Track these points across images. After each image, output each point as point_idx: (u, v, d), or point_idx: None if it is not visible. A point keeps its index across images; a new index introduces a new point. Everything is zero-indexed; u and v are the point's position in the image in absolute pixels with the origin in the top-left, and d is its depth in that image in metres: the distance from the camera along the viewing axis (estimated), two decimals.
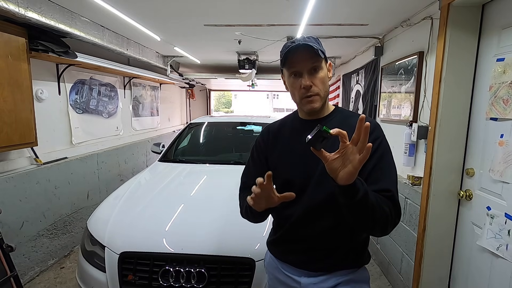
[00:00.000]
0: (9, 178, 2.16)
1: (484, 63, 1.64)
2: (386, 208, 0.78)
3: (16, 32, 2.00)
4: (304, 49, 0.88)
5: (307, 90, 0.90)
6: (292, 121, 1.06)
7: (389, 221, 0.79)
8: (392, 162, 0.89)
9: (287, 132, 1.04)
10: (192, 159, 2.77)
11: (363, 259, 0.99)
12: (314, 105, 0.91)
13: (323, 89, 0.92)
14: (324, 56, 0.92)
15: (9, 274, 1.66)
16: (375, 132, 0.89)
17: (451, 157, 1.78)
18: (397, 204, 0.82)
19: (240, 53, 3.97)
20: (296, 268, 0.99)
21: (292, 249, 0.99)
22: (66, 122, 2.81)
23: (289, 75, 0.94)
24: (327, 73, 0.94)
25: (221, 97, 28.06)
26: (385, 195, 0.81)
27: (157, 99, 5.08)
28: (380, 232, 0.81)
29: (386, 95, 2.63)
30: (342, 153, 0.70)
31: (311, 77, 0.90)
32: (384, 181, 0.84)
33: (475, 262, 1.67)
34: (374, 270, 2.58)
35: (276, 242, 1.05)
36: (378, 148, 0.87)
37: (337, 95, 4.66)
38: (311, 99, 0.91)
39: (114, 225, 1.68)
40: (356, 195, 0.72)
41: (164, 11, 2.23)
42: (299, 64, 0.90)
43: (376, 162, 0.86)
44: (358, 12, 2.21)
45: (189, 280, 1.42)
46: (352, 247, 0.95)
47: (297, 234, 0.97)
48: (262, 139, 1.09)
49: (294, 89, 0.94)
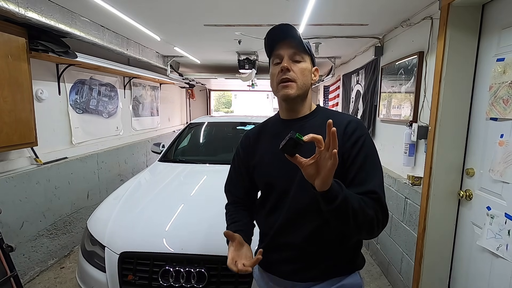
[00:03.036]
0: (9, 178, 2.16)
1: (484, 63, 1.64)
2: (370, 211, 0.75)
3: (16, 32, 2.00)
4: (290, 38, 0.89)
5: (284, 73, 0.88)
6: (274, 122, 1.04)
7: (374, 224, 0.77)
8: (377, 161, 0.86)
9: (267, 134, 1.02)
10: (192, 159, 2.77)
11: (356, 264, 0.93)
12: (289, 91, 0.88)
13: (302, 79, 0.89)
14: (310, 55, 0.93)
15: (9, 274, 1.66)
16: (357, 131, 0.86)
17: (451, 157, 1.78)
18: (383, 206, 0.80)
19: (240, 53, 3.97)
20: (284, 280, 0.93)
21: (278, 259, 0.94)
22: (66, 122, 2.81)
23: (272, 65, 0.94)
24: (309, 70, 0.92)
25: (221, 97, 28.08)
26: (371, 197, 0.78)
27: (157, 99, 5.09)
28: (367, 235, 0.79)
29: (386, 95, 2.63)
30: (317, 158, 0.68)
31: (291, 63, 0.89)
32: (369, 183, 0.81)
33: (475, 262, 1.67)
34: (374, 270, 2.58)
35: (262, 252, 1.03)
36: (362, 148, 0.84)
37: (337, 95, 4.65)
38: (286, 84, 0.88)
39: (114, 225, 1.68)
40: (334, 200, 0.69)
41: (164, 11, 2.23)
42: (283, 50, 0.90)
43: (361, 163, 0.83)
44: (358, 12, 2.21)
45: (189, 280, 1.42)
46: (341, 252, 0.90)
47: (283, 241, 0.92)
48: (241, 147, 1.07)
49: (273, 75, 0.92)
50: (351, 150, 0.84)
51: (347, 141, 0.85)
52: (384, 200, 0.81)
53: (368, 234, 0.78)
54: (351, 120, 0.89)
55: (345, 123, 0.87)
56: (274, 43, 0.91)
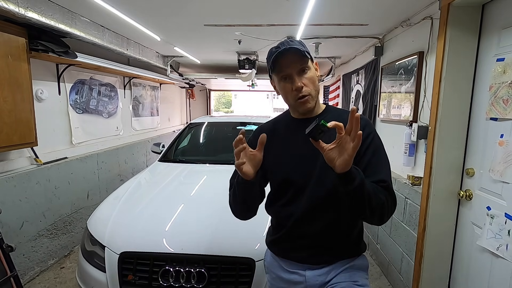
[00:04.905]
0: (9, 178, 2.16)
1: (484, 63, 1.64)
2: (382, 196, 0.84)
3: (16, 32, 2.00)
4: (291, 53, 0.91)
5: (299, 92, 0.93)
6: (286, 121, 1.08)
7: (385, 209, 0.86)
8: (385, 155, 0.96)
9: (281, 131, 1.06)
10: (192, 159, 2.77)
11: (360, 248, 1.05)
12: (308, 105, 0.95)
13: (314, 88, 0.95)
14: (310, 56, 0.95)
15: (9, 274, 1.66)
16: (366, 128, 0.93)
17: (451, 157, 1.78)
18: (392, 193, 0.89)
19: (240, 53, 3.97)
20: (299, 264, 1.01)
21: (294, 246, 1.01)
22: (66, 122, 2.81)
23: (279, 80, 0.96)
24: (315, 73, 0.97)
25: (221, 97, 28.07)
26: (381, 185, 0.87)
27: (157, 99, 5.09)
28: (378, 220, 0.87)
29: (386, 95, 2.63)
30: (338, 143, 0.76)
31: (300, 78, 0.92)
32: (379, 173, 0.90)
33: (475, 262, 1.67)
34: (374, 270, 2.58)
35: (277, 241, 1.06)
36: (371, 143, 0.93)
37: (337, 95, 4.65)
38: (304, 100, 0.94)
39: (114, 225, 1.68)
40: (353, 181, 0.78)
41: (164, 11, 2.23)
42: (287, 68, 0.93)
43: (370, 157, 0.92)
44: (358, 12, 2.21)
45: (189, 280, 1.42)
46: (350, 239, 1.00)
47: (299, 232, 0.99)
48: (255, 139, 1.08)
49: (286, 93, 0.96)
50: (361, 146, 0.89)
51: None
52: (393, 188, 0.90)
53: (379, 219, 0.87)
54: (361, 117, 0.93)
55: None
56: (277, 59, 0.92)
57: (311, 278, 0.99)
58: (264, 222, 1.41)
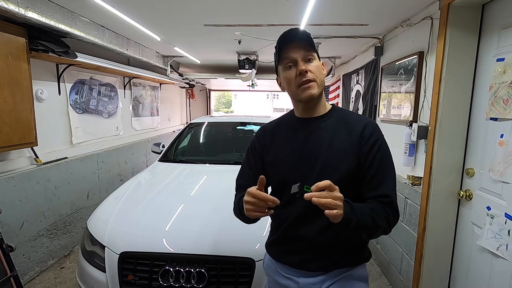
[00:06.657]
0: (9, 178, 2.16)
1: (484, 63, 1.64)
2: (382, 222, 0.85)
3: (16, 32, 2.00)
4: (298, 39, 0.90)
5: (303, 76, 0.89)
6: (289, 121, 1.05)
7: (386, 230, 0.88)
8: (391, 163, 0.93)
9: (283, 132, 1.03)
10: (192, 159, 2.77)
11: (363, 257, 0.99)
12: (312, 91, 0.90)
13: (319, 77, 0.92)
14: (317, 52, 0.94)
15: (9, 274, 1.66)
16: (374, 134, 0.91)
17: (451, 157, 1.78)
18: (394, 208, 0.89)
19: (240, 53, 3.97)
20: (294, 269, 0.99)
21: (290, 249, 0.99)
22: (66, 122, 2.81)
23: (284, 69, 0.94)
24: (321, 66, 0.95)
25: (221, 97, 28.06)
26: (383, 201, 0.87)
27: (157, 99, 5.08)
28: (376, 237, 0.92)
29: (386, 95, 2.63)
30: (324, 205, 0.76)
31: (306, 64, 0.91)
32: (383, 186, 0.89)
33: (475, 262, 1.67)
34: (374, 270, 2.58)
35: (274, 243, 1.05)
36: (378, 151, 0.90)
37: (337, 95, 4.65)
38: (308, 85, 0.90)
39: (114, 225, 1.68)
40: (348, 225, 0.79)
41: (164, 11, 2.23)
42: (294, 53, 0.91)
43: (376, 167, 0.89)
44: (358, 12, 2.21)
45: (189, 280, 1.42)
46: (350, 245, 0.96)
47: (295, 234, 0.97)
48: (257, 140, 1.08)
49: (290, 80, 0.93)
50: (368, 154, 0.90)
51: (364, 145, 0.91)
52: (396, 202, 0.90)
53: (378, 236, 0.91)
54: (367, 123, 0.93)
55: (362, 125, 0.93)
56: (284, 45, 0.92)
57: (305, 286, 0.96)
58: (264, 222, 1.40)
